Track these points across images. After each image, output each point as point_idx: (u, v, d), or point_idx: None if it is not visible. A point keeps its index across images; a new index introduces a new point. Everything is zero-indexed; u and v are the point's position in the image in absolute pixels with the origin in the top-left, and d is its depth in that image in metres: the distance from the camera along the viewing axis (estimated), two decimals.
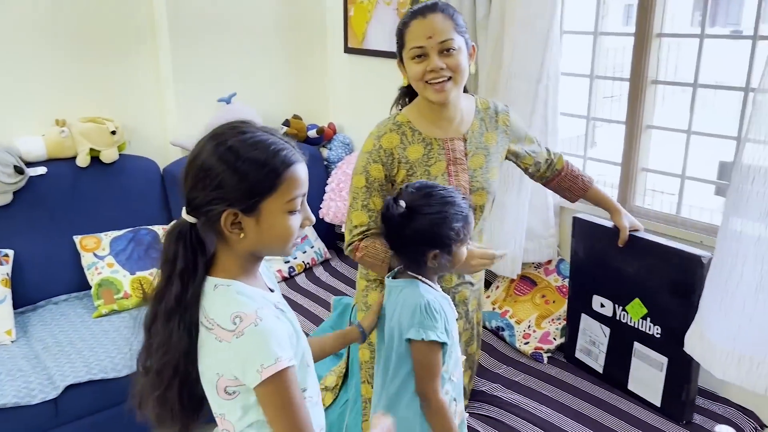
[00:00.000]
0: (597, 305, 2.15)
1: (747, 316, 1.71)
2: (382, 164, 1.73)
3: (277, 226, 1.14)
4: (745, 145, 1.69)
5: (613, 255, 2.04)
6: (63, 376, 2.34)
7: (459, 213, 1.45)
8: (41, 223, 2.86)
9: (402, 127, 1.76)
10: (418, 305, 1.42)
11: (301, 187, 1.15)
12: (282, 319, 1.17)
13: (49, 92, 2.99)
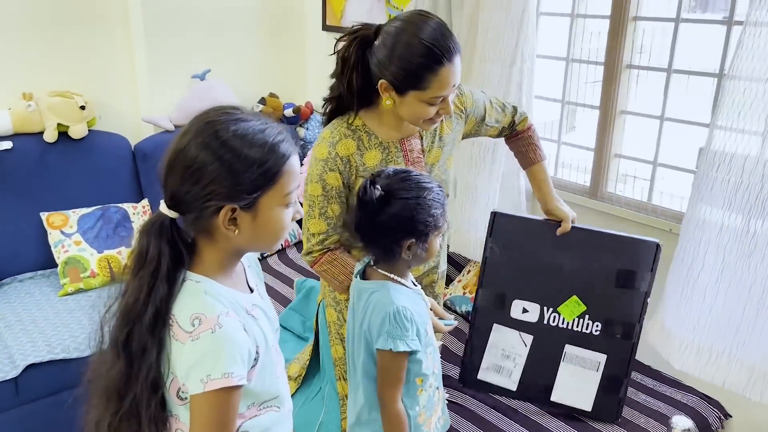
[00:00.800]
0: (517, 312, 1.93)
1: (707, 306, 1.69)
2: (339, 172, 1.60)
3: (272, 222, 1.08)
4: (713, 132, 1.67)
5: (543, 252, 1.87)
6: (24, 356, 2.31)
7: (437, 200, 1.41)
8: (7, 199, 2.80)
9: (357, 131, 1.62)
10: (387, 314, 1.38)
11: (297, 179, 1.10)
12: (251, 327, 1.09)
13: (17, 65, 2.91)
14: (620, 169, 2.41)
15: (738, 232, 1.72)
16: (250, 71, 3.51)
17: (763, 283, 1.70)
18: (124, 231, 2.90)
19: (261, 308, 1.17)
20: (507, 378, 1.95)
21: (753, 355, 1.74)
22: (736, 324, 1.73)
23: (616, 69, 2.27)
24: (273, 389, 1.15)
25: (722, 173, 1.64)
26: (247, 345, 1.05)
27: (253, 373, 1.09)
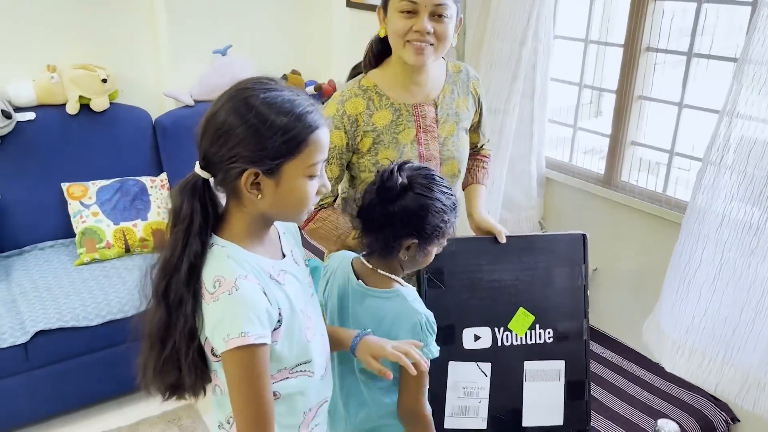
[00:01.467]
0: (470, 341, 1.77)
1: (702, 307, 1.60)
2: (345, 131, 1.60)
3: (295, 190, 1.10)
4: (722, 118, 1.56)
5: (481, 269, 1.75)
6: (34, 322, 2.37)
7: (452, 208, 1.36)
8: (29, 169, 2.87)
9: (368, 91, 1.62)
10: (418, 323, 1.34)
11: (324, 152, 1.11)
12: (273, 291, 1.11)
13: (42, 37, 2.96)
14: (636, 158, 2.30)
15: (740, 227, 1.61)
16: (272, 47, 3.49)
17: (763, 284, 1.58)
18: (141, 204, 2.94)
19: (292, 274, 1.19)
20: (475, 417, 1.79)
21: (748, 360, 1.64)
22: (733, 326, 1.63)
23: (636, 51, 2.16)
24: (302, 353, 1.17)
25: (727, 162, 1.53)
26: (265, 306, 1.08)
27: (278, 335, 1.12)
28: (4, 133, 2.79)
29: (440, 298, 1.71)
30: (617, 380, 2.15)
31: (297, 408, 1.21)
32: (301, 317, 1.17)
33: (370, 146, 1.63)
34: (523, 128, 2.34)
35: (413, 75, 1.61)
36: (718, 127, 1.59)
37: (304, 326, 1.17)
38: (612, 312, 2.43)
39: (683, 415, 1.98)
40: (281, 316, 1.12)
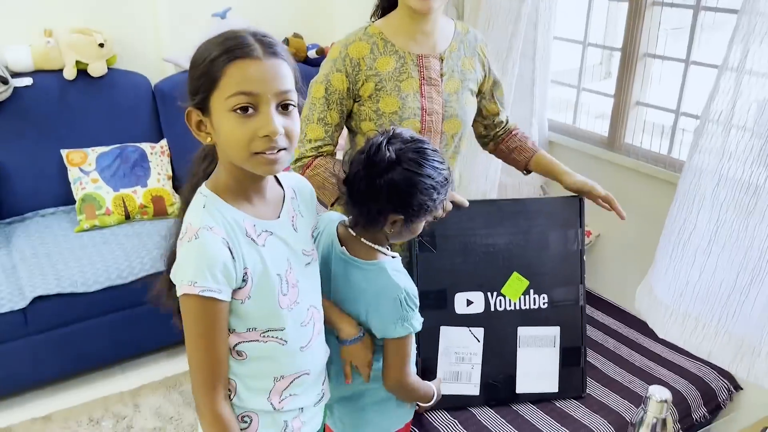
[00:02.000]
0: (461, 306, 1.76)
1: (697, 270, 1.54)
2: (346, 75, 1.58)
3: (223, 127, 1.05)
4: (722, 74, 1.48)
5: (474, 233, 1.73)
6: (33, 287, 2.38)
7: (442, 184, 1.29)
8: (28, 136, 2.86)
9: (373, 37, 1.60)
10: (397, 299, 1.30)
11: (247, 84, 1.03)
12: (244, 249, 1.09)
13: (38, 1, 2.92)
14: (640, 119, 2.21)
15: (738, 187, 1.53)
16: (272, 10, 3.42)
17: (761, 247, 1.52)
18: (140, 171, 2.92)
19: (280, 238, 1.16)
20: (467, 383, 1.78)
21: (743, 326, 1.58)
22: (728, 291, 1.57)
23: (641, 6, 2.06)
24: (272, 319, 1.15)
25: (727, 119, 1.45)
26: (223, 261, 1.05)
27: (244, 294, 1.10)
28: (2, 99, 2.77)
29: (432, 261, 1.69)
30: (617, 347, 2.10)
31: (265, 372, 1.19)
32: (275, 282, 1.13)
33: (371, 92, 1.60)
34: (524, 90, 2.27)
35: (420, 23, 1.59)
36: (718, 81, 1.51)
37: (278, 292, 1.14)
38: (614, 278, 2.38)
39: (684, 383, 1.93)
40: (248, 275, 1.09)
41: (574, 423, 1.77)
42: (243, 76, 1.03)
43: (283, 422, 1.23)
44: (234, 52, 1.03)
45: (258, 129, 1.03)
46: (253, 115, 1.04)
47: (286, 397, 1.21)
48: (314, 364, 1.26)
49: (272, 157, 1.06)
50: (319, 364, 1.28)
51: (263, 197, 1.16)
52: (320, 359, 1.28)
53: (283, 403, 1.21)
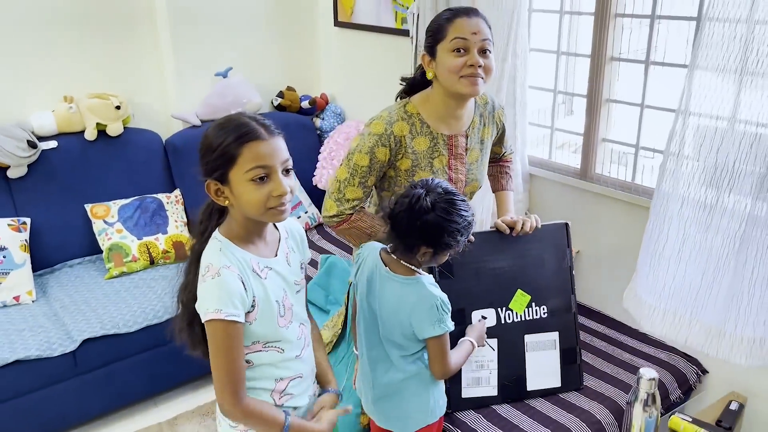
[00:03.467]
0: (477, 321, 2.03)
1: (671, 275, 1.93)
2: (390, 149, 1.82)
3: (244, 194, 1.34)
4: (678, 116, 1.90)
5: (484, 259, 1.99)
6: (80, 332, 2.61)
7: (465, 227, 1.63)
8: (54, 193, 3.10)
9: (412, 117, 1.85)
10: (434, 305, 1.63)
11: (261, 159, 1.33)
12: (252, 282, 1.39)
13: (58, 71, 3.20)
14: (607, 152, 2.64)
15: (697, 207, 1.94)
16: (268, 67, 3.76)
17: (717, 253, 1.94)
18: (160, 219, 3.19)
19: (277, 272, 1.45)
20: (487, 386, 2.09)
21: (710, 316, 1.99)
22: (696, 289, 1.97)
23: (601, 60, 2.49)
24: (273, 334, 1.45)
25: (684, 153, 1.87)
26: (240, 292, 1.34)
27: (252, 317, 1.39)
28: (31, 162, 3.02)
29: (451, 286, 1.94)
30: (603, 346, 2.46)
31: (267, 375, 1.49)
32: (275, 307, 1.44)
33: (408, 167, 1.88)
34: (509, 132, 2.66)
35: (456, 109, 1.86)
36: (675, 124, 1.94)
37: (278, 314, 1.45)
38: (594, 288, 2.75)
39: (660, 370, 2.29)
40: (255, 303, 1.39)
41: (577, 409, 2.11)
42: (257, 154, 1.33)
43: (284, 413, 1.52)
44: (247, 136, 1.32)
45: (272, 191, 1.35)
46: (267, 182, 1.34)
47: (285, 395, 1.52)
48: (305, 368, 1.56)
49: (282, 210, 1.38)
50: (309, 368, 1.58)
51: (264, 240, 1.47)
52: (310, 365, 1.59)
53: (282, 399, 1.51)
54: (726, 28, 1.84)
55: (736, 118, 1.85)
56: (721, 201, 1.89)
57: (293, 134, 3.65)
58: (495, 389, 2.10)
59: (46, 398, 2.54)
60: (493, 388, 2.10)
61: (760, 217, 1.84)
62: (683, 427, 1.91)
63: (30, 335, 2.57)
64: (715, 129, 1.88)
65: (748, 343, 1.96)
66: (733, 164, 1.85)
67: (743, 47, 1.80)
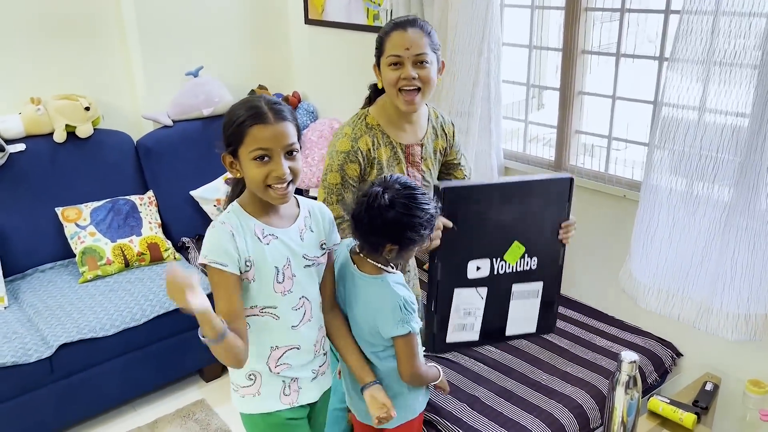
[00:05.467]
0: (473, 272, 2.02)
1: (663, 257, 2.03)
2: (359, 164, 1.90)
3: (247, 171, 1.47)
4: (660, 110, 1.98)
5: (488, 211, 1.98)
6: (56, 337, 2.56)
7: (428, 221, 1.64)
8: (24, 197, 3.04)
9: (373, 129, 1.93)
10: (397, 305, 1.64)
11: (263, 142, 1.44)
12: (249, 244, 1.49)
13: (24, 72, 3.13)
14: (580, 144, 2.69)
15: (683, 195, 2.04)
16: (239, 66, 3.74)
17: (704, 235, 2.05)
18: (133, 221, 3.14)
19: (283, 242, 1.54)
20: (470, 332, 2.09)
21: (699, 293, 2.10)
22: (686, 269, 2.09)
23: (573, 54, 2.54)
24: (269, 299, 1.54)
25: (668, 146, 1.95)
26: (227, 247, 1.46)
27: (251, 275, 1.50)
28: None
29: (454, 239, 1.94)
30: (581, 333, 2.53)
31: (263, 341, 1.58)
32: (272, 271, 1.52)
33: (375, 176, 1.92)
34: (483, 127, 2.70)
35: (406, 117, 1.95)
36: (658, 117, 2.02)
37: (274, 279, 1.53)
38: (569, 276, 2.80)
39: (638, 356, 2.37)
40: (251, 262, 1.49)
41: (559, 395, 2.16)
42: (260, 136, 1.44)
43: (282, 382, 1.61)
44: (253, 119, 1.44)
45: (271, 171, 1.46)
46: (268, 162, 1.45)
47: (280, 364, 1.60)
48: (304, 342, 1.61)
49: (281, 190, 1.48)
50: (308, 342, 1.63)
51: (278, 213, 1.57)
52: (310, 339, 1.63)
53: (278, 368, 1.59)
54: (702, 21, 1.91)
55: (716, 109, 1.94)
56: (707, 188, 2.01)
57: None
58: (477, 335, 2.10)
59: (23, 405, 2.50)
60: (476, 333, 2.10)
61: (739, 203, 1.93)
62: (662, 408, 1.98)
63: (4, 342, 2.52)
64: (697, 120, 1.97)
65: (733, 319, 2.05)
66: (716, 153, 1.95)
67: (721, 39, 1.87)
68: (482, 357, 2.38)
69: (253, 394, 1.62)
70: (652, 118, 2.11)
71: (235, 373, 1.63)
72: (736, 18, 1.87)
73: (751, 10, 1.84)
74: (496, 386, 2.22)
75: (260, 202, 1.53)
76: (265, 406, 1.63)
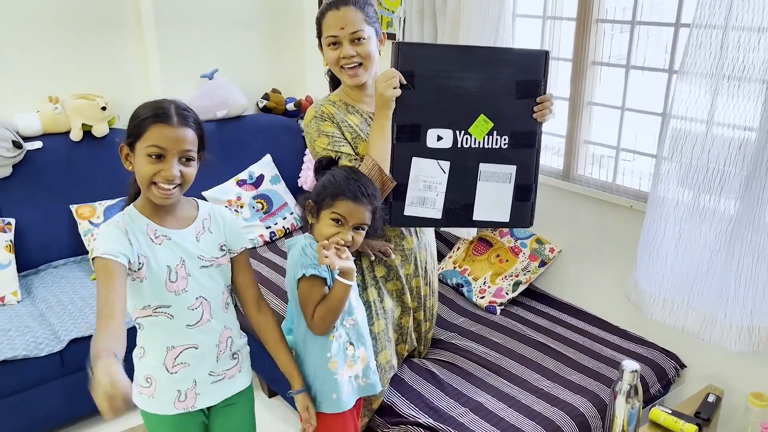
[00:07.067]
0: (432, 140, 1.94)
1: (669, 267, 2.05)
2: (331, 122, 1.96)
3: (139, 165, 1.50)
4: (668, 123, 2.00)
5: (450, 76, 1.88)
6: (67, 331, 2.61)
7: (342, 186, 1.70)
8: (39, 194, 3.10)
9: (336, 104, 2.01)
10: (301, 248, 1.70)
11: (160, 141, 1.48)
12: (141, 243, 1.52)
13: (43, 71, 3.20)
14: (588, 154, 2.71)
15: (690, 207, 2.07)
16: (254, 69, 3.79)
17: (710, 247, 2.07)
18: None
19: (177, 243, 1.58)
20: (431, 208, 2.00)
21: (704, 304, 2.12)
22: (691, 280, 2.10)
23: (583, 65, 2.56)
24: (162, 297, 1.56)
25: (676, 158, 1.98)
26: (120, 240, 1.48)
27: (142, 274, 1.52)
28: (16, 162, 3.01)
29: (409, 98, 1.90)
30: (585, 342, 2.54)
31: (158, 341, 1.61)
32: (164, 270, 1.55)
33: (350, 139, 1.98)
34: None
35: (360, 90, 2.01)
36: (667, 129, 2.04)
37: (167, 278, 1.56)
38: (575, 285, 2.83)
39: (641, 366, 2.38)
40: (143, 261, 1.53)
41: (561, 403, 2.17)
42: (159, 135, 1.47)
43: (177, 391, 1.63)
44: (157, 117, 1.48)
45: (161, 170, 1.49)
46: (161, 161, 1.48)
47: (178, 364, 1.62)
48: (202, 342, 1.63)
49: (165, 191, 1.50)
50: (207, 343, 1.65)
51: (172, 214, 1.60)
52: (210, 340, 1.65)
53: (176, 368, 1.61)
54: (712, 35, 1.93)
55: (724, 122, 1.96)
56: (713, 201, 2.03)
57: (278, 136, 3.75)
58: (440, 213, 2.03)
59: (34, 398, 2.54)
60: (438, 212, 2.03)
61: (745, 216, 1.95)
62: (663, 419, 1.99)
63: (16, 335, 2.57)
64: (705, 133, 1.99)
65: (737, 331, 2.07)
66: (723, 166, 1.97)
67: (730, 53, 1.89)
68: (486, 362, 2.39)
69: (149, 395, 1.65)
70: (661, 130, 2.13)
71: (137, 372, 1.66)
72: (745, 33, 1.89)
73: (761, 25, 1.85)
74: (498, 392, 2.23)
75: (150, 203, 1.56)
76: (159, 409, 1.66)
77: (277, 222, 3.45)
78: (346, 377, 1.79)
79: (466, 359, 2.43)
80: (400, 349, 2.31)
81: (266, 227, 3.40)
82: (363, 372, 1.85)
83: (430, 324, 2.42)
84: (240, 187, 3.43)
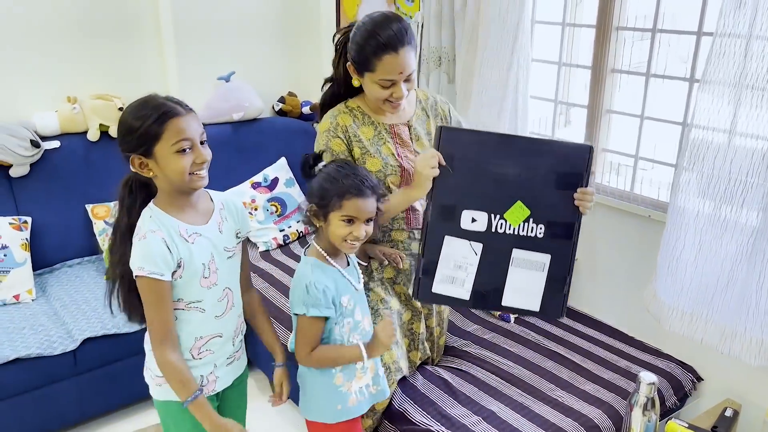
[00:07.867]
0: (467, 222, 1.93)
1: (688, 279, 2.02)
2: (341, 139, 1.94)
3: (171, 164, 1.49)
4: (690, 132, 1.97)
5: (489, 162, 1.89)
6: (80, 331, 2.62)
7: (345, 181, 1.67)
8: (56, 193, 3.12)
9: (354, 111, 1.98)
10: (304, 286, 1.68)
11: (184, 133, 1.49)
12: (179, 246, 1.53)
13: (62, 71, 3.22)
14: (606, 162, 2.69)
15: (711, 218, 2.05)
16: (270, 72, 3.80)
17: (730, 259, 2.04)
18: None
19: (207, 237, 1.60)
20: (460, 288, 1.98)
21: (724, 317, 2.09)
22: (711, 293, 2.08)
23: (602, 73, 2.54)
24: (196, 294, 1.59)
25: (697, 168, 1.95)
26: (163, 253, 1.49)
27: (178, 275, 1.54)
28: (33, 161, 3.03)
29: (448, 180, 1.90)
30: (601, 353, 2.51)
31: (189, 332, 1.64)
32: (199, 268, 1.58)
33: (359, 156, 1.97)
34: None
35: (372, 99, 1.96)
36: (687, 139, 2.02)
37: (201, 276, 1.59)
38: (592, 295, 2.80)
39: (657, 378, 2.35)
40: (182, 263, 1.54)
41: (576, 413, 2.15)
42: (180, 129, 1.48)
43: (200, 376, 1.66)
44: (167, 114, 1.48)
45: (196, 159, 1.51)
46: (190, 152, 1.50)
47: (203, 351, 1.66)
48: (226, 330, 1.69)
49: (201, 176, 1.54)
50: (230, 330, 1.70)
51: (195, 209, 1.61)
52: (231, 327, 1.71)
53: (201, 355, 1.65)
54: (735, 44, 1.91)
55: (747, 132, 1.94)
56: (735, 212, 2.00)
57: (294, 139, 3.75)
58: (468, 294, 1.99)
59: (46, 397, 2.55)
60: (467, 292, 1.99)
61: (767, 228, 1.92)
62: None
63: (30, 333, 2.58)
64: (727, 143, 1.96)
65: (757, 344, 2.03)
66: (746, 176, 1.95)
67: (753, 63, 1.87)
68: (499, 371, 2.37)
69: None
70: (681, 139, 2.10)
71: (155, 364, 1.62)
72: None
73: None
74: (512, 401, 2.21)
75: (177, 201, 1.57)
76: None
77: (291, 225, 3.45)
78: (355, 388, 1.81)
79: (479, 367, 2.41)
80: (412, 357, 2.29)
81: (280, 230, 3.40)
82: (373, 380, 1.86)
83: (441, 330, 2.41)
84: (254, 189, 3.43)
